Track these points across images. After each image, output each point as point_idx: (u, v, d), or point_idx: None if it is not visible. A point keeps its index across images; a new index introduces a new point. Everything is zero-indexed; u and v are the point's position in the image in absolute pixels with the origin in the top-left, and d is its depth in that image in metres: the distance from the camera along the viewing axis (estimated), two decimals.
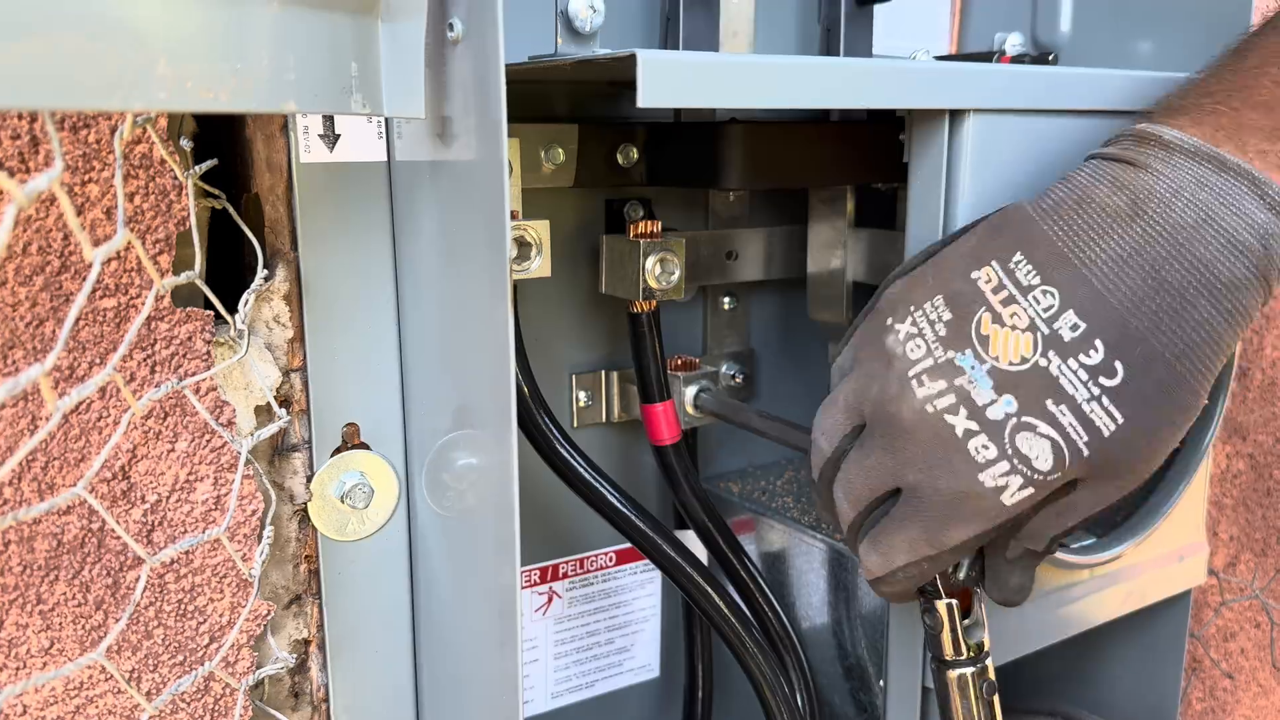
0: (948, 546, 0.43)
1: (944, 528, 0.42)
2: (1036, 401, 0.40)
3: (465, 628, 0.50)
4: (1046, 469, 0.40)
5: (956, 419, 0.41)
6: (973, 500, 0.41)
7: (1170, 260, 0.39)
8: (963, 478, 0.41)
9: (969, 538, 0.42)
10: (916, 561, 0.44)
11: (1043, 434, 0.40)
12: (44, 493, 0.40)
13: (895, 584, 0.46)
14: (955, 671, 0.48)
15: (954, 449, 0.41)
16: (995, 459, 0.40)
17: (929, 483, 0.42)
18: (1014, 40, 0.75)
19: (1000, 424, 0.40)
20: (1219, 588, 0.95)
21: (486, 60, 0.39)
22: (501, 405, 0.42)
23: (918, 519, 0.43)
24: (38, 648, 0.41)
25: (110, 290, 0.41)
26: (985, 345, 0.41)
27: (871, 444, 0.44)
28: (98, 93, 0.27)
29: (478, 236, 0.42)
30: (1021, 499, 0.41)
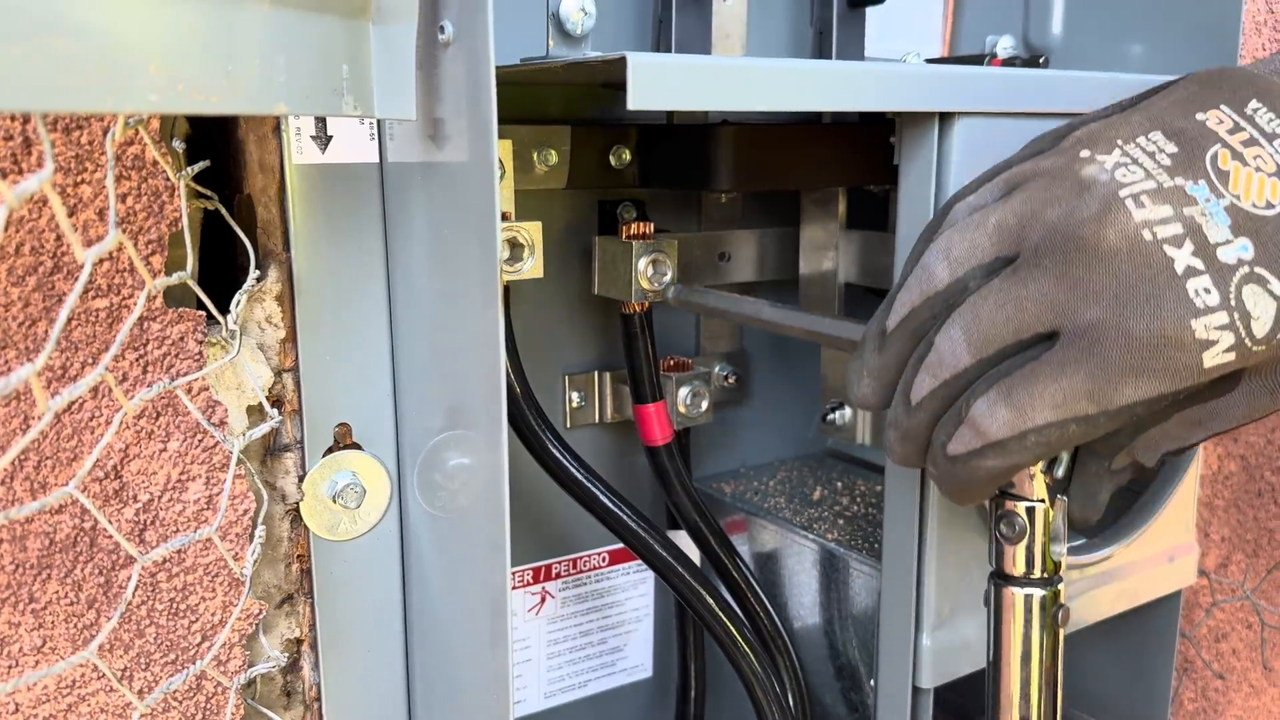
0: (1114, 406, 0.34)
1: (1120, 381, 0.34)
2: (1278, 255, 0.34)
3: (457, 627, 0.50)
4: (1263, 334, 0.33)
5: (1179, 252, 0.34)
6: (1170, 350, 0.33)
7: None
8: (1169, 319, 0.33)
9: (1146, 398, 0.34)
10: (1063, 423, 0.35)
11: (1272, 292, 0.33)
12: (36, 492, 0.40)
13: (1008, 456, 0.36)
14: (1023, 590, 0.41)
15: (1167, 284, 0.33)
16: (1216, 306, 0.33)
17: (1117, 322, 0.33)
18: (1005, 43, 0.76)
19: (1230, 269, 0.33)
20: (1210, 588, 0.95)
21: (477, 62, 0.39)
22: (493, 405, 0.42)
23: (1084, 366, 0.34)
24: (30, 646, 0.41)
25: (103, 291, 0.41)
26: (1224, 181, 0.35)
27: (1033, 273, 0.35)
28: (89, 95, 0.28)
29: (469, 237, 0.42)
30: (1222, 363, 0.33)
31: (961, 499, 0.40)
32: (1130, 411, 0.35)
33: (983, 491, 0.39)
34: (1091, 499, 0.41)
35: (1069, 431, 0.35)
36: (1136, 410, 0.34)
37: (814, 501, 0.73)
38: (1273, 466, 0.95)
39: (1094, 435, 0.35)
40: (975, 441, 0.36)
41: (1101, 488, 0.40)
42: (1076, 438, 0.35)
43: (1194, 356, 0.33)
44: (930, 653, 0.58)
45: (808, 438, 0.81)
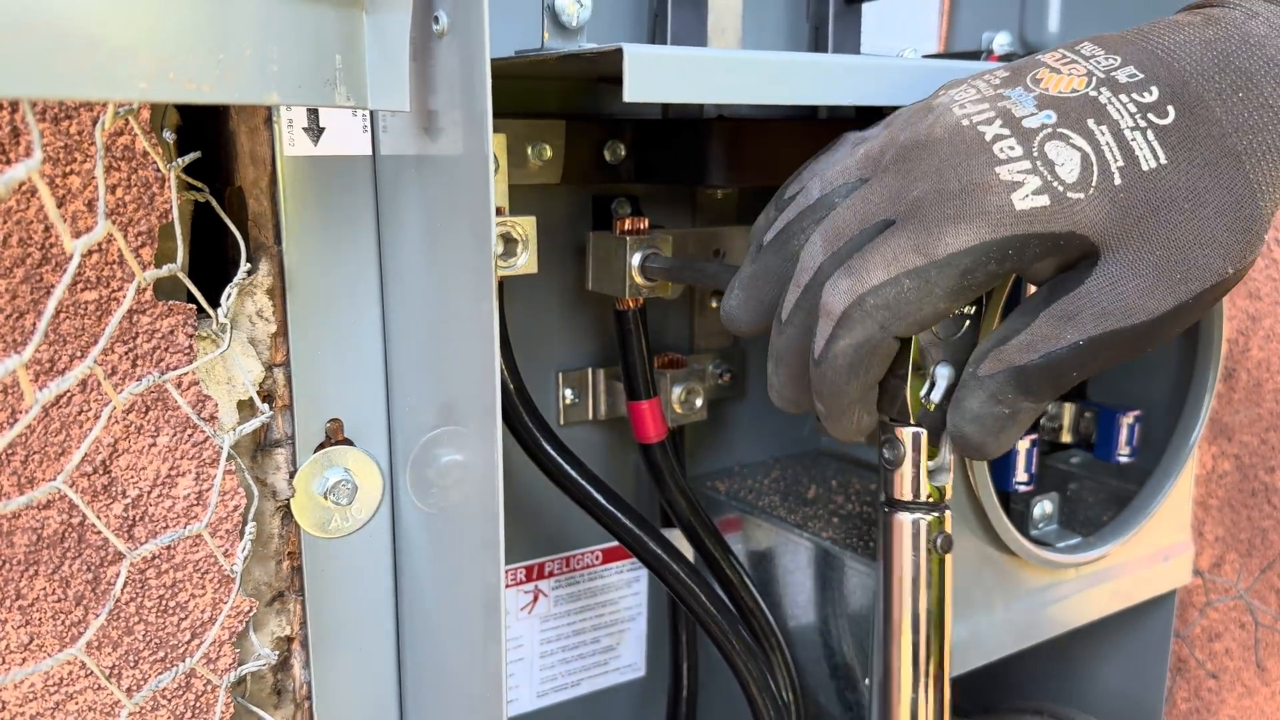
0: (939, 255, 0.36)
1: (940, 230, 0.36)
2: (1077, 119, 0.36)
3: (449, 625, 0.50)
4: (1070, 180, 0.36)
5: (989, 128, 0.37)
6: (979, 194, 0.36)
7: (1240, 51, 0.37)
8: (975, 170, 0.36)
9: (968, 245, 0.36)
10: (896, 279, 0.37)
11: (1075, 145, 0.36)
12: (23, 486, 0.40)
13: (853, 328, 0.38)
14: (909, 515, 0.42)
15: (977, 149, 0.37)
16: (1018, 156, 0.36)
17: (935, 186, 0.37)
18: (1002, 39, 0.76)
19: (1033, 131, 0.36)
20: (1204, 588, 0.95)
21: (472, 54, 0.39)
22: (486, 401, 0.42)
23: (909, 226, 0.37)
24: (17, 643, 0.41)
25: (91, 283, 0.40)
26: (1036, 84, 0.38)
27: (880, 178, 0.39)
28: (78, 82, 0.27)
29: (463, 231, 0.42)
30: (1035, 206, 0.36)
31: (841, 421, 0.41)
32: (958, 264, 0.36)
33: (853, 401, 0.40)
34: (958, 406, 0.39)
35: (904, 288, 0.37)
36: (963, 262, 0.36)
37: (809, 500, 0.72)
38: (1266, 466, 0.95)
39: (931, 295, 0.37)
40: (826, 327, 0.39)
41: (968, 394, 0.39)
42: (913, 295, 0.37)
43: (1002, 198, 0.36)
44: None
45: (802, 436, 0.81)
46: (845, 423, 0.41)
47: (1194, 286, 0.36)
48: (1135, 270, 0.36)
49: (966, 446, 0.40)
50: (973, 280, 0.37)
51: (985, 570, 0.60)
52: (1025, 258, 0.37)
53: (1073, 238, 0.36)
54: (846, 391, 0.40)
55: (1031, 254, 0.36)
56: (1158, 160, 0.36)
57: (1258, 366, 0.93)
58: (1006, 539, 0.60)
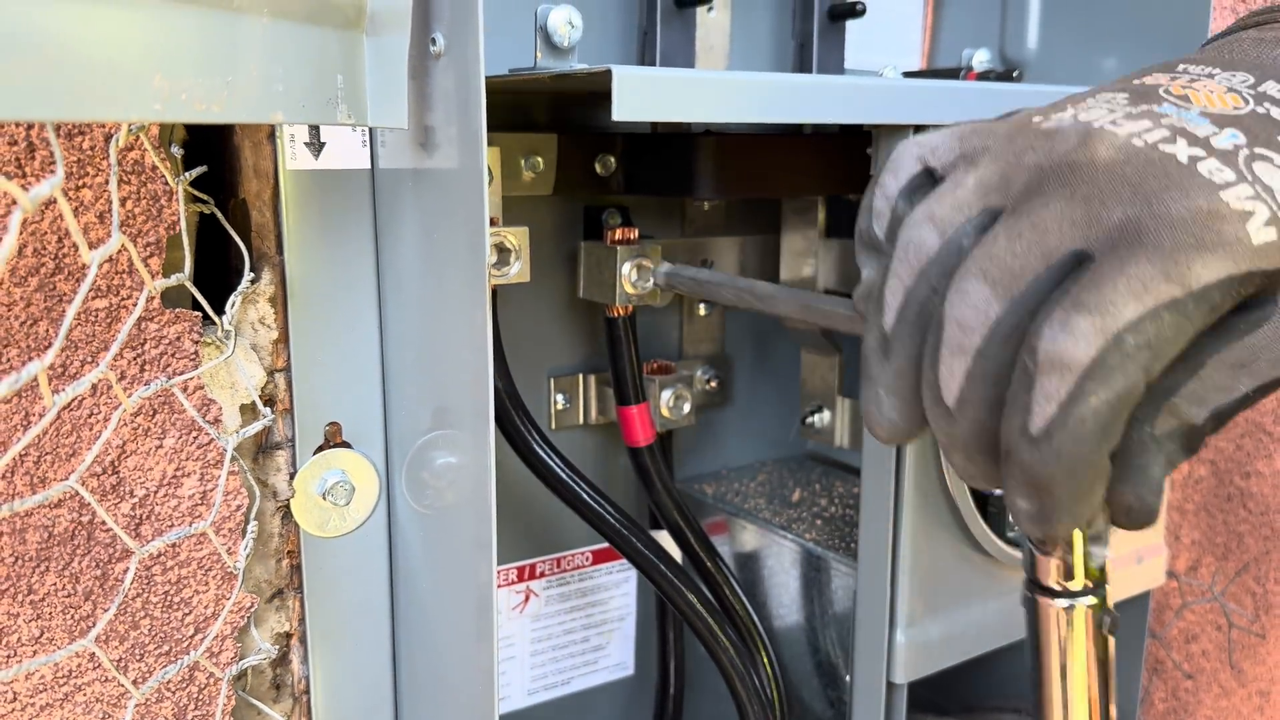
0: (1195, 285, 0.30)
1: (1186, 258, 0.30)
2: (1268, 138, 0.32)
3: (443, 622, 0.51)
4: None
5: (1175, 147, 0.31)
6: (1215, 222, 0.30)
7: None
8: (1199, 195, 0.30)
9: (1218, 278, 0.30)
10: (1155, 311, 0.30)
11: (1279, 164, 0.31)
12: (36, 486, 0.41)
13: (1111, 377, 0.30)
14: (1070, 603, 0.36)
15: (1178, 171, 0.31)
16: (1235, 181, 0.31)
17: (1150, 210, 0.30)
18: (981, 57, 0.78)
19: (1231, 153, 0.31)
20: (1181, 590, 0.97)
21: (467, 74, 0.40)
22: (480, 406, 0.44)
23: (1142, 253, 0.30)
24: (28, 636, 0.42)
25: (102, 291, 0.42)
26: (1186, 101, 0.33)
27: (1034, 202, 0.32)
28: (97, 105, 0.29)
29: (458, 242, 0.44)
30: (1267, 241, 0.30)
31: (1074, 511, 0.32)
32: (1210, 298, 0.30)
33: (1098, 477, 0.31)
34: (1143, 474, 0.32)
35: (1164, 323, 0.30)
36: (1214, 296, 0.30)
37: (793, 503, 0.74)
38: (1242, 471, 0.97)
39: (1184, 334, 0.30)
40: (1064, 384, 0.30)
41: (1151, 460, 0.32)
42: (1171, 333, 0.30)
43: (1239, 227, 0.30)
44: (904, 649, 0.59)
45: (788, 440, 0.83)
46: (1081, 510, 0.32)
47: None
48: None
49: (1144, 520, 0.33)
50: (1211, 321, 0.31)
51: (962, 571, 0.62)
52: (1239, 297, 0.31)
53: (1275, 276, 0.31)
54: (1094, 464, 0.31)
55: (1247, 293, 0.31)
56: None
57: None
58: (982, 540, 0.62)
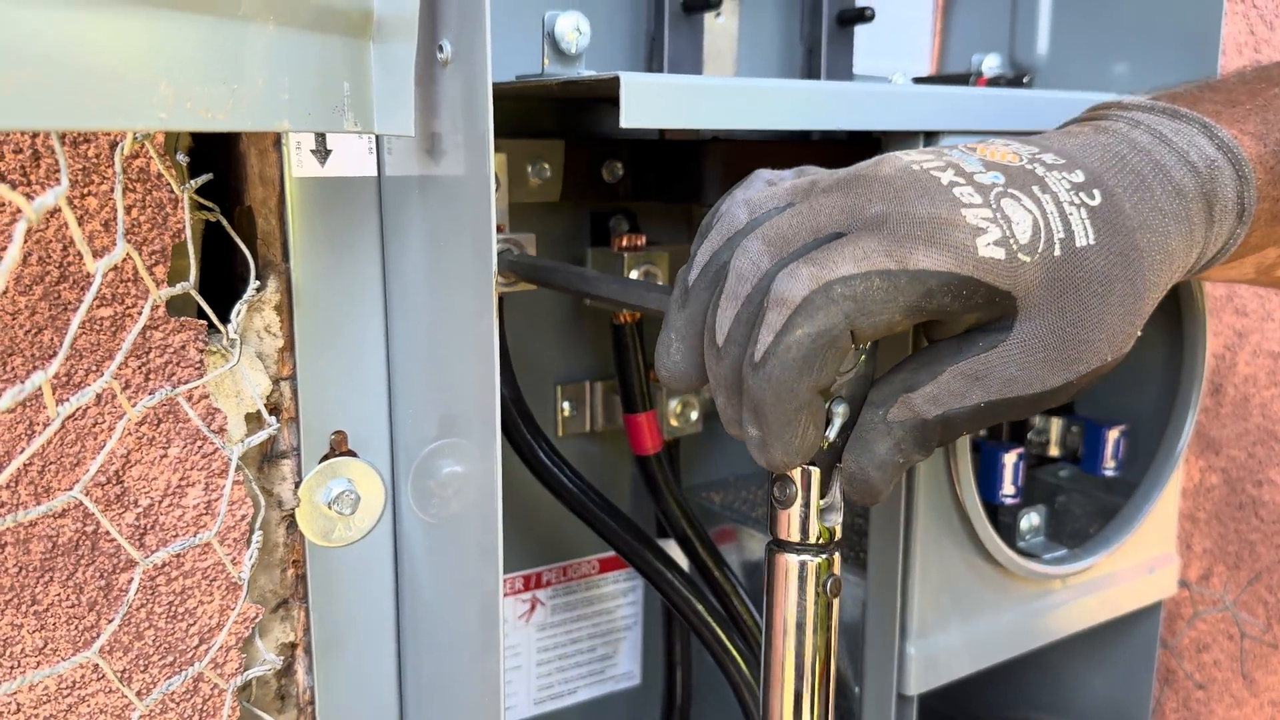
0: (912, 266, 0.35)
1: (912, 246, 0.36)
2: (1024, 184, 0.37)
3: (449, 632, 0.51)
4: (1024, 240, 0.36)
5: (943, 174, 0.37)
6: (949, 229, 0.36)
7: (1131, 154, 0.40)
8: (942, 206, 0.36)
9: (937, 269, 0.35)
10: (866, 274, 0.35)
11: (1026, 206, 0.37)
12: (40, 496, 0.41)
13: (814, 315, 0.35)
14: (798, 557, 0.40)
15: (936, 188, 0.37)
16: (979, 204, 0.36)
17: (899, 209, 0.36)
18: (991, 62, 0.77)
19: (987, 187, 0.37)
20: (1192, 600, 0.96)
21: (474, 81, 0.40)
22: (486, 414, 0.43)
23: (877, 235, 0.36)
24: (32, 647, 0.42)
25: (107, 300, 0.42)
26: (973, 150, 0.39)
27: (822, 197, 0.38)
28: (103, 114, 0.29)
29: (464, 249, 0.43)
30: (993, 256, 0.36)
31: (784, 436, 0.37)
32: (925, 282, 0.35)
33: (801, 407, 0.36)
34: (866, 448, 0.38)
35: (873, 284, 0.35)
36: (930, 283, 0.35)
37: None
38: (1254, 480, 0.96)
39: (896, 302, 0.35)
40: (780, 317, 0.35)
41: (877, 438, 0.38)
42: (880, 295, 0.35)
43: (968, 239, 0.36)
44: (915, 661, 0.59)
45: None
46: (789, 437, 0.37)
47: (1082, 368, 0.37)
48: (1045, 343, 0.37)
49: (865, 491, 0.39)
50: (929, 305, 0.36)
51: (973, 581, 0.62)
52: (969, 304, 0.36)
53: (1008, 299, 0.36)
54: (797, 393, 0.36)
55: (974, 302, 0.36)
56: (1088, 239, 0.37)
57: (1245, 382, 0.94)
58: (993, 550, 0.61)
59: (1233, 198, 0.41)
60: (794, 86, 0.47)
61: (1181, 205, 0.40)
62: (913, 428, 0.38)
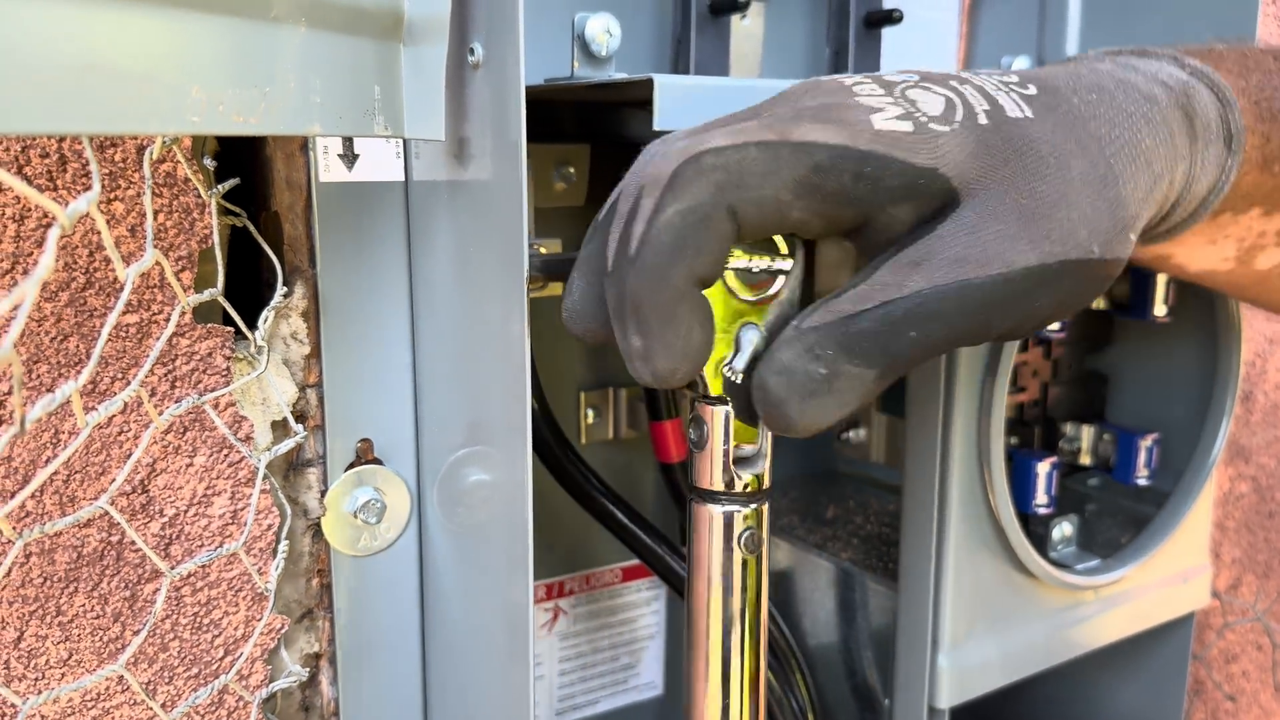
0: (794, 138, 0.32)
1: (795, 122, 0.32)
2: (941, 79, 0.35)
3: (475, 643, 0.50)
4: (938, 112, 0.33)
5: (848, 78, 0.35)
6: (838, 109, 0.33)
7: (1090, 75, 0.37)
8: (837, 95, 0.33)
9: (825, 141, 0.31)
10: (741, 145, 0.31)
11: (938, 92, 0.34)
12: (65, 505, 0.40)
13: (683, 187, 0.31)
14: (718, 508, 0.36)
15: (835, 87, 0.34)
16: (879, 94, 0.34)
17: (792, 105, 0.34)
18: (1020, 64, 0.76)
19: (895, 83, 0.34)
20: (1222, 610, 0.95)
21: (506, 85, 0.39)
22: (515, 422, 0.42)
23: (760, 115, 0.33)
24: (56, 659, 0.41)
25: (133, 306, 0.41)
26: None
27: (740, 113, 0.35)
28: (135, 118, 0.28)
29: (493, 255, 0.43)
30: (896, 129, 0.32)
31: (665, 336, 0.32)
32: (812, 154, 0.31)
33: (680, 296, 0.32)
34: (770, 357, 0.33)
35: (749, 155, 0.31)
36: (818, 155, 0.31)
37: (827, 520, 0.73)
38: None
39: (778, 174, 0.31)
40: (651, 200, 0.32)
41: (784, 344, 0.33)
42: (758, 167, 0.31)
43: (861, 115, 0.32)
44: (947, 673, 0.58)
45: (821, 456, 0.81)
46: (670, 337, 0.32)
47: (1057, 250, 0.32)
48: (997, 215, 0.32)
49: (766, 404, 0.33)
50: (823, 182, 0.32)
51: (1006, 592, 0.61)
52: (881, 188, 0.32)
53: (934, 177, 0.32)
54: (671, 280, 0.31)
55: (888, 186, 0.32)
56: (1023, 113, 0.33)
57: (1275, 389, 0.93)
58: (1026, 560, 0.60)
59: (1215, 118, 0.38)
60: None
61: (1152, 108, 0.36)
62: (831, 329, 0.32)
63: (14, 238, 0.38)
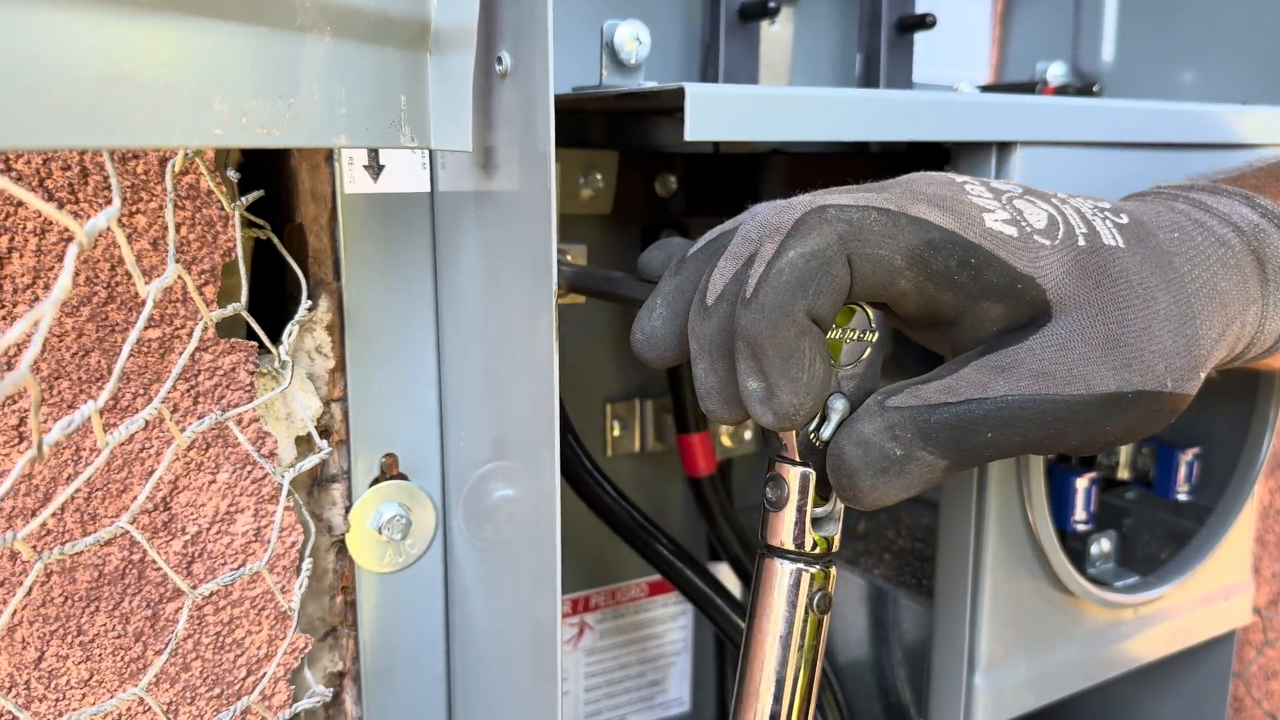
0: (911, 212, 0.34)
1: (912, 201, 0.34)
2: (1043, 195, 0.37)
3: (501, 661, 0.49)
4: (1038, 226, 0.35)
5: (958, 176, 0.38)
6: (952, 201, 0.35)
7: (1168, 213, 0.39)
8: (948, 189, 0.36)
9: (939, 223, 0.33)
10: (864, 208, 0.33)
11: (1040, 206, 0.36)
12: (86, 524, 0.40)
13: (807, 234, 0.32)
14: (790, 565, 0.37)
15: (947, 181, 0.37)
16: (988, 196, 0.36)
17: (905, 189, 0.36)
18: (1056, 70, 0.75)
19: (1002, 192, 0.37)
20: (1262, 626, 0.93)
21: (534, 93, 0.38)
22: (543, 436, 0.41)
23: (880, 189, 0.36)
24: (77, 679, 0.41)
25: (155, 321, 0.41)
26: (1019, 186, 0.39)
27: None
28: (157, 131, 0.27)
29: (522, 265, 0.42)
30: (1002, 231, 0.34)
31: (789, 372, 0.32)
32: (927, 231, 0.33)
33: (801, 334, 0.32)
34: (851, 427, 0.34)
35: (871, 217, 0.33)
36: (932, 233, 0.33)
37: (859, 535, 0.71)
38: None
39: (895, 240, 0.33)
40: (772, 245, 0.33)
41: (867, 417, 0.34)
42: (878, 228, 0.33)
43: (971, 211, 0.34)
44: (984, 693, 0.56)
45: None
46: (794, 372, 0.32)
47: (1136, 380, 0.33)
48: (1085, 337, 0.33)
49: (839, 473, 0.33)
50: (932, 259, 0.33)
51: (1044, 610, 0.59)
52: (981, 281, 0.33)
53: (1032, 285, 0.34)
54: (793, 316, 0.32)
55: (988, 282, 0.33)
56: (1116, 242, 0.36)
57: None
58: (1065, 579, 0.58)
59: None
60: (864, 96, 0.45)
61: (1227, 252, 0.38)
62: (914, 415, 0.33)
63: (35, 251, 0.38)
